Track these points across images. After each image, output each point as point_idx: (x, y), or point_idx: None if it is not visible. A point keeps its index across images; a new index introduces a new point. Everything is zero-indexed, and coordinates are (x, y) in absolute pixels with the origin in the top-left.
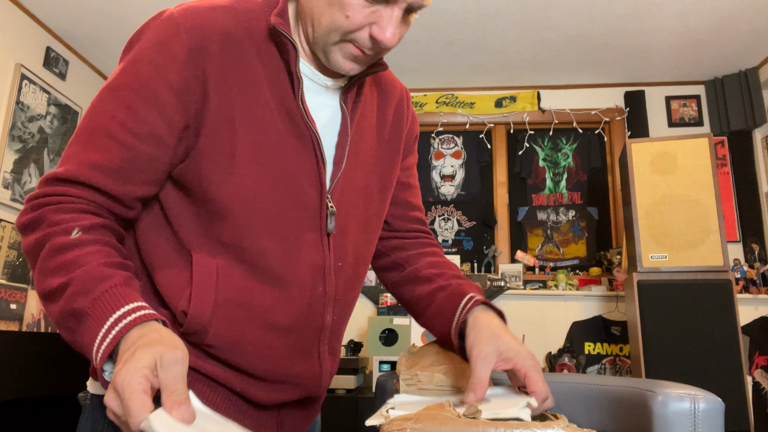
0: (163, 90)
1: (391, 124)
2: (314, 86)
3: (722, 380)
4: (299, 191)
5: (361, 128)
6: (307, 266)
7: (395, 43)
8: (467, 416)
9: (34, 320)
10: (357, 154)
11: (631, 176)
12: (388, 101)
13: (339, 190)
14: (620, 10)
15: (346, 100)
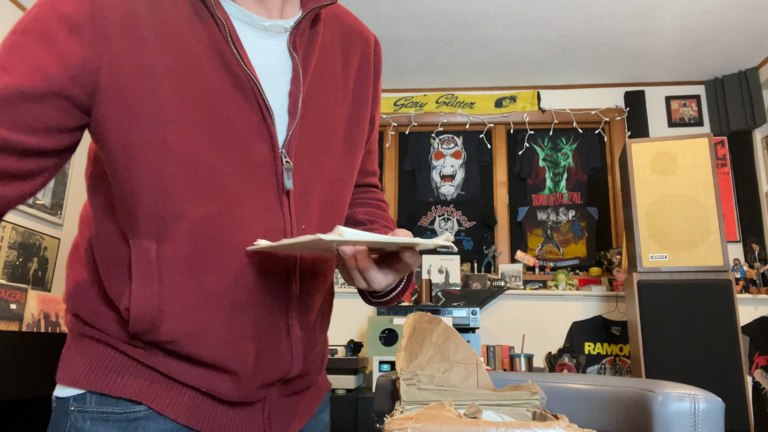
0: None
1: (357, 71)
2: (252, 30)
3: (722, 380)
4: (246, 148)
5: (322, 75)
6: (264, 232)
7: None
8: (468, 416)
9: (34, 320)
10: (317, 104)
11: (631, 176)
12: (352, 48)
13: (296, 144)
14: (620, 10)
15: (296, 43)
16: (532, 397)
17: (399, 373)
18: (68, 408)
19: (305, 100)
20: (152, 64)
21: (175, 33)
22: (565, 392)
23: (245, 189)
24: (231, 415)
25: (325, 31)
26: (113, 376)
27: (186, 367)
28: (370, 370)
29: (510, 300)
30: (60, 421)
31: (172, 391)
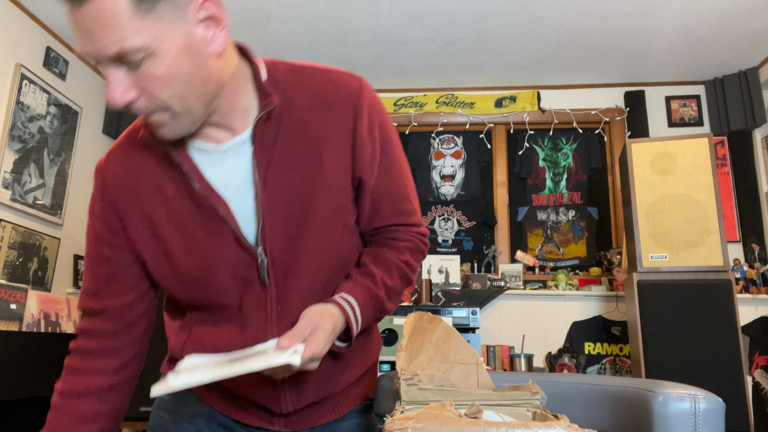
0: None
1: (336, 141)
2: (213, 156)
3: (722, 380)
4: (226, 260)
5: (289, 166)
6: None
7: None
8: (468, 416)
9: (34, 320)
10: (284, 197)
11: (631, 176)
12: (327, 118)
13: (269, 240)
14: (620, 10)
15: (256, 152)
16: (532, 397)
17: (399, 373)
18: None
19: (269, 200)
20: (148, 215)
21: (158, 185)
22: (565, 392)
23: (237, 291)
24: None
25: (293, 116)
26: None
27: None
28: None
29: (510, 300)
30: None
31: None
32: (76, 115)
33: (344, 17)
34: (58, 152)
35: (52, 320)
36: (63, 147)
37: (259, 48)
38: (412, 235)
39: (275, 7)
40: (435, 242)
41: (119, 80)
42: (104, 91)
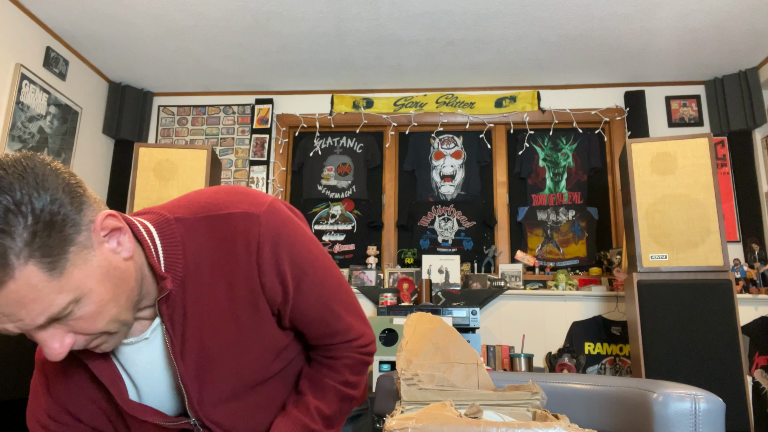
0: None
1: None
2: (135, 349)
3: (722, 380)
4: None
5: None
6: None
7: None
8: (468, 416)
9: None
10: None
11: (631, 176)
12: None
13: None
14: (620, 10)
15: (168, 328)
16: (532, 397)
17: (399, 373)
18: None
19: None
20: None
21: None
22: (565, 392)
23: None
24: None
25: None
26: None
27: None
28: (370, 370)
29: (510, 300)
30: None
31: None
32: (76, 115)
33: (344, 17)
34: (58, 152)
35: None
36: (63, 147)
37: (259, 48)
38: (352, 351)
39: (275, 7)
40: (435, 242)
41: (53, 336)
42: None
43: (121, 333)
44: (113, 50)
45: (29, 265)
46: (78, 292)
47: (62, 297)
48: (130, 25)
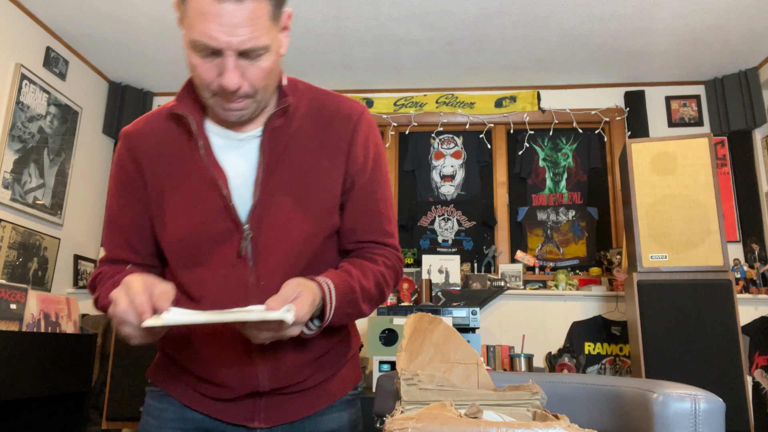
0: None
1: (333, 149)
2: (231, 143)
3: (722, 380)
4: (212, 227)
5: (289, 161)
6: (231, 285)
7: (236, 84)
8: (468, 416)
9: (34, 320)
10: (279, 185)
11: (631, 176)
12: (330, 129)
13: (257, 218)
14: (620, 10)
15: (264, 143)
16: (532, 397)
17: (399, 373)
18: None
19: (266, 183)
20: (161, 185)
21: (171, 159)
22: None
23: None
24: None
25: (300, 122)
26: (155, 372)
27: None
28: (370, 370)
29: (510, 300)
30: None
31: (182, 385)
32: (76, 115)
33: (344, 17)
34: (58, 152)
35: (52, 320)
36: (63, 147)
37: None
38: (390, 253)
39: None
40: (435, 242)
41: (236, 68)
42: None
43: (258, 106)
44: (113, 50)
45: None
46: (272, 44)
47: (266, 38)
48: (130, 25)
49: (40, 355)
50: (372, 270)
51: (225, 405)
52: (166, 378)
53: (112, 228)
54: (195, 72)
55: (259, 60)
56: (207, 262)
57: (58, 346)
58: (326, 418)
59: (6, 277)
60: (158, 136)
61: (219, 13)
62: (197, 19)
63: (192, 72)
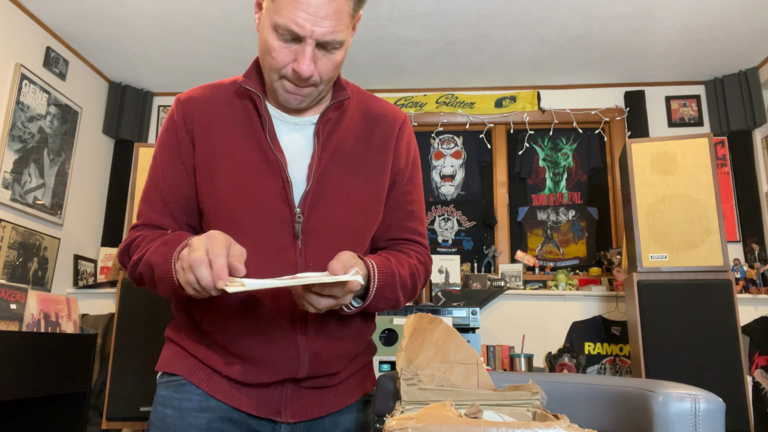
0: (177, 145)
1: (378, 147)
2: (286, 125)
3: (722, 380)
4: (268, 206)
5: (341, 152)
6: (280, 265)
7: (311, 73)
8: (468, 416)
9: (34, 320)
10: (331, 173)
11: (631, 176)
12: (376, 128)
13: (309, 203)
14: (620, 10)
15: (318, 131)
16: (532, 397)
17: (399, 373)
18: (157, 383)
19: (319, 170)
20: (213, 154)
21: (229, 131)
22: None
23: (268, 236)
24: (249, 393)
25: (351, 117)
26: (173, 362)
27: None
28: None
29: (510, 300)
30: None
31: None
32: (76, 115)
33: None
34: (58, 152)
35: (52, 320)
36: (63, 147)
37: None
38: (422, 250)
39: None
40: (435, 242)
41: (312, 57)
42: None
43: (316, 95)
44: (113, 50)
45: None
46: (346, 40)
47: (344, 33)
48: (130, 25)
49: (40, 355)
50: (407, 261)
51: (253, 394)
52: (188, 366)
53: (153, 193)
54: (269, 54)
55: (334, 53)
56: (256, 237)
57: (58, 346)
58: (345, 418)
59: (6, 277)
60: (218, 106)
61: (309, 2)
62: (287, 3)
63: (265, 53)
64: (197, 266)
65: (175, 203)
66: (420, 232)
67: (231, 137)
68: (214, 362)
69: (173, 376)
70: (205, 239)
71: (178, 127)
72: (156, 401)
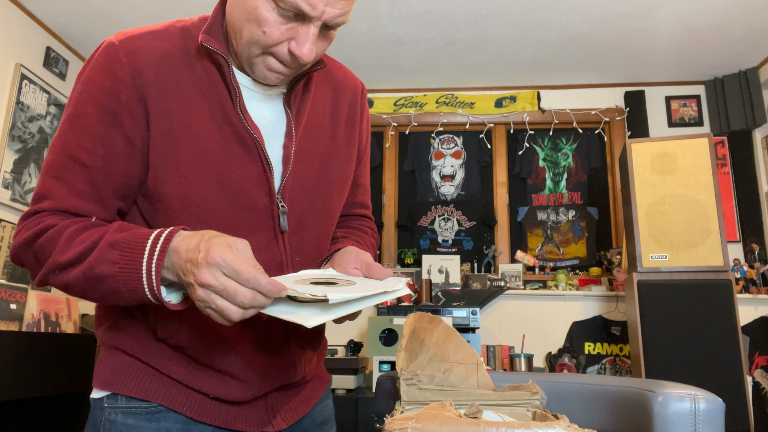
0: (119, 110)
1: (346, 119)
2: (255, 95)
3: (722, 380)
4: (247, 195)
5: (312, 126)
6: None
7: (313, 58)
8: (468, 416)
9: (34, 320)
10: (308, 153)
11: (631, 176)
12: (341, 98)
13: (290, 190)
14: (620, 10)
15: (290, 103)
16: (532, 397)
17: (399, 373)
18: (102, 405)
19: (297, 152)
20: (174, 129)
21: (192, 102)
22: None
23: (248, 229)
24: (236, 410)
25: (317, 88)
26: (137, 382)
27: (197, 376)
28: (370, 370)
29: (510, 300)
30: (96, 415)
31: (185, 394)
32: None
33: None
34: None
35: (52, 320)
36: None
37: None
38: (371, 224)
39: None
40: (435, 242)
41: (315, 40)
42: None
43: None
44: None
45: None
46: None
47: (347, 17)
48: (130, 25)
49: (40, 355)
50: (369, 242)
51: (239, 409)
52: (162, 389)
53: (73, 170)
54: (258, 26)
55: (329, 35)
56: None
57: (58, 346)
58: (319, 408)
59: (6, 277)
60: (172, 65)
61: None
62: None
63: (250, 23)
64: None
65: (108, 185)
66: (368, 205)
67: (194, 108)
68: (195, 382)
69: (136, 400)
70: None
71: (123, 88)
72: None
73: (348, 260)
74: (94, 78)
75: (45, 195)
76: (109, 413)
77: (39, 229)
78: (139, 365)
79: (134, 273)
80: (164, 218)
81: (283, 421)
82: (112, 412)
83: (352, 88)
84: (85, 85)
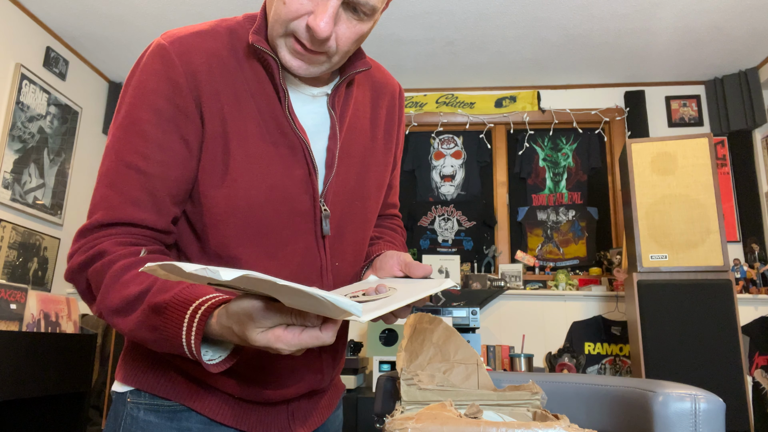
0: (175, 114)
1: (384, 123)
2: (300, 96)
3: (722, 380)
4: (292, 199)
5: (354, 129)
6: (303, 269)
7: (328, 35)
8: (468, 416)
9: (34, 320)
10: (349, 156)
11: (631, 176)
12: (380, 101)
13: (332, 193)
14: (620, 10)
15: (334, 104)
16: (532, 397)
17: (399, 373)
18: (125, 400)
19: (340, 154)
20: (227, 131)
21: (243, 102)
22: (565, 392)
23: (290, 235)
24: (258, 414)
25: (358, 89)
26: (162, 380)
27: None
28: (370, 370)
29: (510, 300)
30: (119, 409)
31: (209, 394)
32: (76, 115)
33: None
34: (58, 152)
35: (52, 320)
36: (63, 147)
37: None
38: (401, 223)
39: None
40: (435, 242)
41: (333, 15)
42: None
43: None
44: (113, 50)
45: None
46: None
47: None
48: (130, 25)
49: (40, 355)
50: (400, 241)
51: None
52: (186, 390)
53: (129, 177)
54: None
55: (360, 21)
56: (278, 238)
57: (58, 346)
58: (332, 417)
59: (6, 277)
60: (222, 65)
61: None
62: None
63: (277, 3)
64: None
65: (166, 191)
66: (397, 204)
67: (245, 109)
68: (220, 383)
69: (159, 398)
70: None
71: (178, 91)
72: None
73: (390, 264)
74: (147, 82)
75: (98, 206)
76: (131, 408)
77: (91, 255)
78: (165, 363)
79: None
80: (210, 221)
81: (302, 428)
82: (134, 407)
83: (390, 90)
84: (138, 90)
